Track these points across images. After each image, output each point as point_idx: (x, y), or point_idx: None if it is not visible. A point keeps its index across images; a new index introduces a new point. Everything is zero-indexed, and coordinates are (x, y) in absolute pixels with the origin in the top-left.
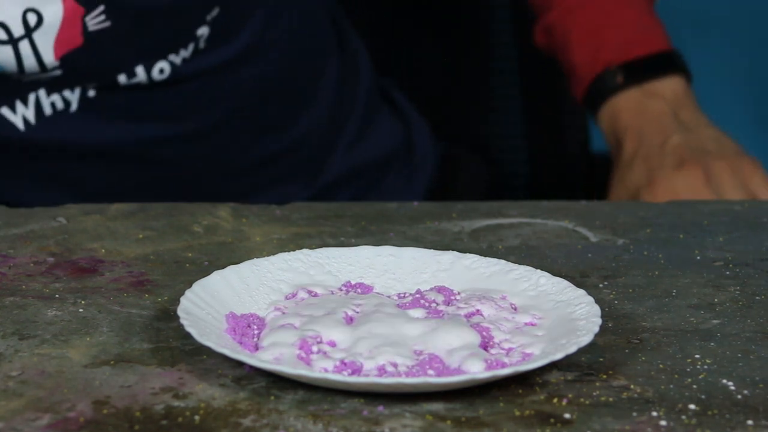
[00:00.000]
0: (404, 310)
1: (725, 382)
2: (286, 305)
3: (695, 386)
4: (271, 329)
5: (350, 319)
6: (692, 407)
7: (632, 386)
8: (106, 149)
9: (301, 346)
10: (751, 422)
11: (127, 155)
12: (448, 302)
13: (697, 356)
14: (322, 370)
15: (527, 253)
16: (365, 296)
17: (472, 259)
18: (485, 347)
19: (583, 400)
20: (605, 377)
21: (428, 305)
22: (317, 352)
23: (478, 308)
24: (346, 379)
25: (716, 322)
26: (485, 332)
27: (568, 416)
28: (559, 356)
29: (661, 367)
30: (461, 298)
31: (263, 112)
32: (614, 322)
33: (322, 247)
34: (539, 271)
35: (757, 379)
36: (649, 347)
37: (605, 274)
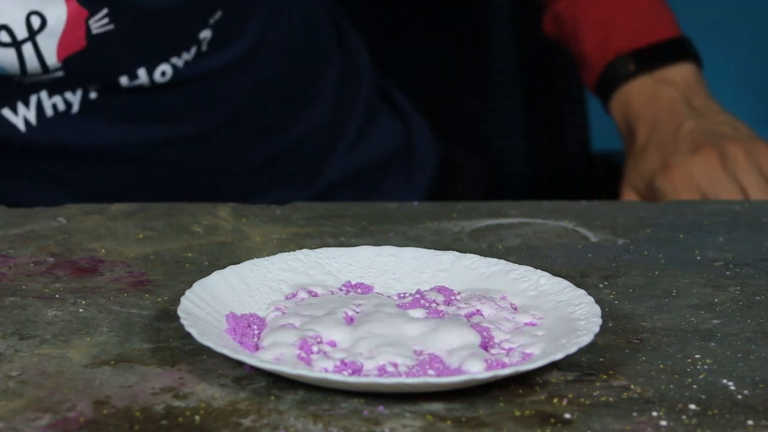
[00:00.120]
0: (404, 310)
1: (725, 382)
2: (286, 305)
3: (695, 386)
4: (271, 329)
5: (350, 319)
6: (692, 407)
7: (632, 386)
8: (106, 151)
9: (301, 346)
10: (751, 422)
11: (128, 157)
12: (448, 302)
13: (697, 356)
14: (322, 370)
15: (527, 253)
16: (365, 296)
17: (472, 259)
18: (485, 347)
19: (583, 400)
20: (605, 377)
21: (428, 305)
22: (317, 352)
23: (478, 308)
24: (346, 379)
25: (716, 322)
26: (485, 332)
27: (568, 416)
28: (559, 356)
29: (661, 367)
30: (461, 298)
31: (265, 113)
32: (614, 322)
33: (322, 247)
34: (539, 271)
35: (757, 379)
36: (649, 347)
37: (605, 274)
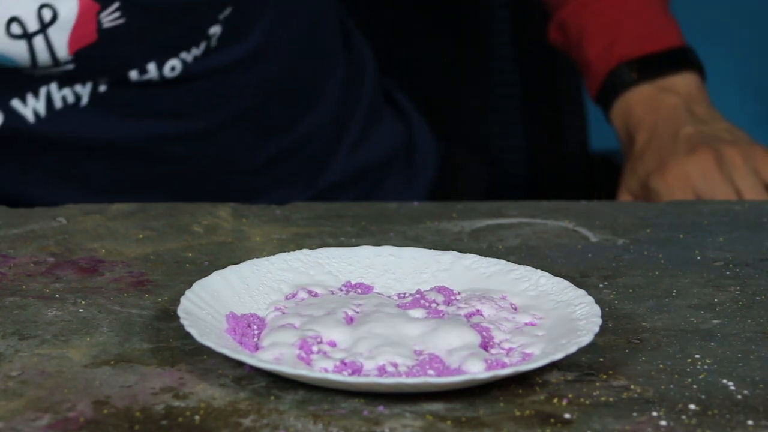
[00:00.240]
0: (404, 310)
1: (725, 382)
2: (286, 305)
3: (695, 386)
4: (271, 329)
5: (350, 319)
6: (692, 407)
7: (632, 386)
8: (114, 145)
9: (301, 346)
10: (751, 422)
11: (135, 151)
12: (448, 302)
13: (697, 356)
14: (322, 370)
15: (527, 253)
16: (365, 296)
17: (472, 259)
18: (485, 347)
19: (583, 400)
20: (605, 377)
21: (428, 305)
22: (317, 352)
23: (478, 308)
24: (346, 379)
25: (716, 322)
26: (485, 332)
27: (568, 416)
28: (559, 356)
29: (661, 367)
30: (461, 298)
31: (270, 112)
32: (614, 322)
33: (322, 247)
34: (539, 271)
35: (757, 379)
36: (649, 347)
37: (605, 274)
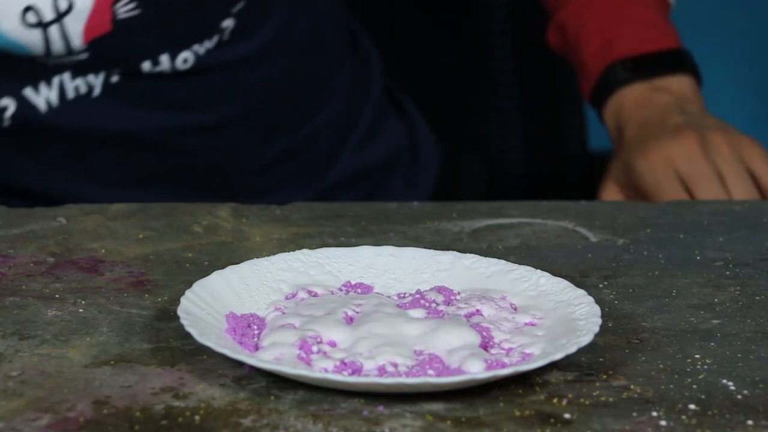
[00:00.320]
0: (404, 310)
1: (725, 382)
2: (286, 305)
3: (695, 386)
4: (271, 329)
5: (350, 319)
6: (692, 407)
7: (632, 386)
8: (126, 136)
9: (301, 346)
10: (751, 422)
11: (147, 143)
12: (448, 302)
13: (697, 356)
14: (322, 370)
15: (527, 253)
16: (365, 296)
17: (472, 259)
18: (485, 347)
19: (583, 400)
20: (605, 377)
21: (428, 305)
22: (317, 352)
23: (478, 308)
24: (346, 379)
25: (716, 322)
26: (485, 332)
27: (568, 416)
28: (559, 356)
29: (661, 367)
30: (461, 298)
31: (281, 108)
32: (614, 322)
33: (322, 247)
34: (539, 271)
35: (757, 379)
36: (649, 347)
37: (605, 274)
